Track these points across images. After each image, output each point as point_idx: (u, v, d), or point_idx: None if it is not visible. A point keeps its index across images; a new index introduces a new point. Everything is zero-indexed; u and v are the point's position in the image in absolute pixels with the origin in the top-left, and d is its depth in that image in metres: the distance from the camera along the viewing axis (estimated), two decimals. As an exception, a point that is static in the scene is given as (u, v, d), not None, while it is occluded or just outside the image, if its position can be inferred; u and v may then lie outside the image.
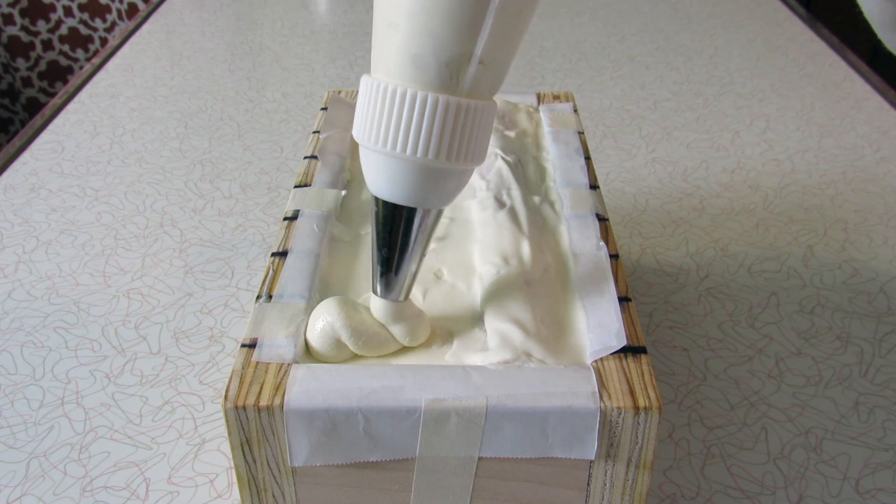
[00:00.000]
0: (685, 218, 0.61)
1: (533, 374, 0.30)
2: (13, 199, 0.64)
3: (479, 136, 0.29)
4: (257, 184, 0.65)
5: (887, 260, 0.56)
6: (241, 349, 0.31)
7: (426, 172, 0.29)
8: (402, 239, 0.31)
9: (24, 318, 0.51)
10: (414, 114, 0.28)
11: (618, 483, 0.30)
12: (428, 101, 0.28)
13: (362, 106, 0.29)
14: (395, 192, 0.30)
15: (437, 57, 0.28)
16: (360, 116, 0.30)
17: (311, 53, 0.91)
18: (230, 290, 0.53)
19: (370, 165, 0.30)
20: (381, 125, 0.29)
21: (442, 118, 0.28)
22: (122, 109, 0.78)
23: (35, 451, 0.42)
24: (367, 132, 0.29)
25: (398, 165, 0.29)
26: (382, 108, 0.29)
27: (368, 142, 0.29)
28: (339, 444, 0.29)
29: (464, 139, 0.29)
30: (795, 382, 0.46)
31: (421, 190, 0.30)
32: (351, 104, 0.50)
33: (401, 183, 0.29)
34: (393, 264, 0.31)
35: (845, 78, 0.83)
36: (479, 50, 0.28)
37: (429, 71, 0.28)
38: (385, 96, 0.28)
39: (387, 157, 0.29)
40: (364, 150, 0.30)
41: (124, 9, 1.64)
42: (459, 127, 0.28)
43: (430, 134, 0.28)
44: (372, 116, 0.29)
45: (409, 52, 0.28)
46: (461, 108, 0.28)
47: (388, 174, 0.29)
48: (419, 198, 0.30)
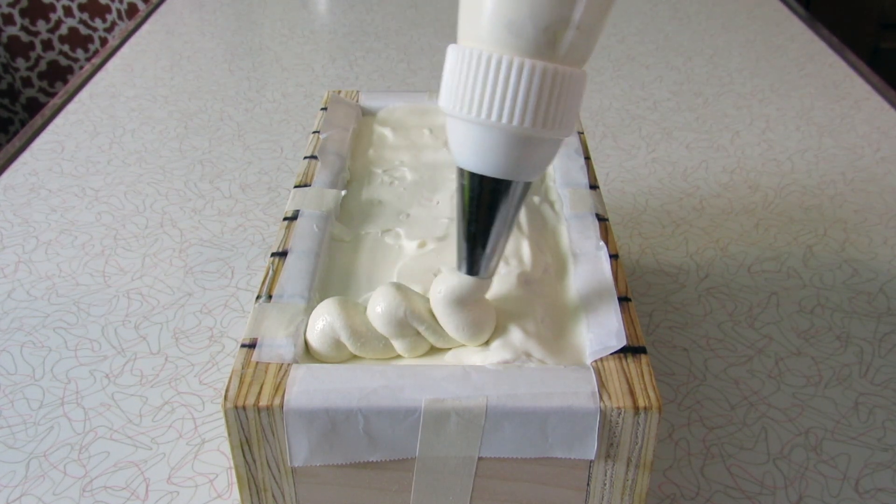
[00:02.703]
0: (685, 218, 0.61)
1: (533, 374, 0.30)
2: (13, 199, 0.64)
3: (572, 104, 0.29)
4: (257, 184, 0.65)
5: (887, 260, 0.56)
6: (241, 349, 0.31)
7: (520, 142, 0.28)
8: (491, 213, 0.30)
9: (24, 318, 0.51)
10: (510, 81, 0.27)
11: (618, 483, 0.30)
12: (525, 67, 0.27)
13: (452, 75, 0.29)
14: (486, 163, 0.29)
15: (535, 22, 0.27)
16: (449, 85, 0.29)
17: (311, 53, 0.91)
18: (230, 290, 0.53)
19: (460, 136, 0.29)
20: (476, 93, 0.28)
21: (539, 85, 0.27)
22: (122, 109, 0.78)
23: (35, 451, 0.42)
24: (460, 101, 0.28)
25: (491, 135, 0.28)
26: (476, 75, 0.28)
27: (461, 111, 0.28)
28: (338, 444, 0.29)
29: (559, 107, 0.28)
30: (795, 382, 0.46)
31: (513, 160, 0.29)
32: (350, 104, 0.50)
33: (493, 153, 0.29)
34: (482, 240, 0.30)
35: (845, 78, 0.83)
36: (577, 15, 0.27)
37: (526, 37, 0.27)
38: (479, 64, 0.28)
39: (479, 127, 0.28)
40: (453, 122, 0.29)
41: (124, 9, 1.64)
42: (556, 94, 0.28)
43: (526, 101, 0.27)
44: (465, 85, 0.28)
45: (505, 19, 0.27)
46: (558, 74, 0.28)
47: (479, 145, 0.29)
48: (511, 169, 0.29)
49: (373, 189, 0.43)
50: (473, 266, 0.31)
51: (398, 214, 0.41)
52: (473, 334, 0.31)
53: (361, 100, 0.51)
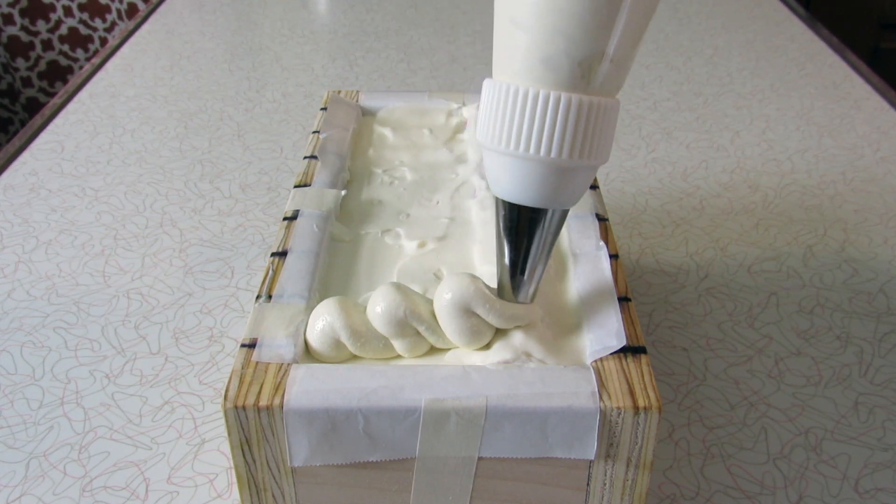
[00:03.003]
0: (685, 218, 0.61)
1: (533, 374, 0.30)
2: (13, 199, 0.64)
3: (607, 132, 0.29)
4: (257, 184, 0.65)
5: (887, 260, 0.56)
6: (241, 349, 0.31)
7: (557, 172, 0.29)
8: (530, 241, 0.31)
9: (24, 318, 0.51)
10: (547, 115, 0.28)
11: (617, 483, 0.30)
12: (561, 101, 0.28)
13: (489, 109, 0.29)
14: (524, 194, 0.30)
15: (570, 57, 0.28)
16: (486, 120, 0.29)
17: (311, 53, 0.91)
18: (230, 290, 0.53)
19: (497, 169, 0.30)
20: (513, 128, 0.29)
21: (575, 118, 0.28)
22: (121, 109, 0.78)
23: (35, 451, 0.42)
24: (497, 135, 0.29)
25: (529, 167, 0.29)
26: (514, 110, 0.28)
27: (499, 145, 0.29)
28: (338, 444, 0.29)
29: (595, 137, 0.29)
30: (795, 382, 0.46)
31: (551, 190, 0.29)
32: (351, 104, 0.50)
33: (530, 184, 0.29)
34: (521, 267, 0.31)
35: (845, 78, 0.83)
36: (611, 48, 0.28)
37: (561, 71, 0.28)
38: (516, 99, 0.28)
39: (517, 160, 0.29)
40: (491, 154, 0.30)
41: (124, 9, 1.64)
42: (591, 125, 0.28)
43: (563, 134, 0.28)
44: (502, 119, 0.29)
45: (541, 53, 0.28)
46: (593, 106, 0.28)
47: (517, 176, 0.29)
48: (548, 198, 0.30)
49: (373, 189, 0.43)
50: (514, 292, 0.31)
51: (398, 214, 0.41)
52: (472, 340, 0.32)
53: (361, 100, 0.51)
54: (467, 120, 0.49)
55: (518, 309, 0.32)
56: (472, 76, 0.84)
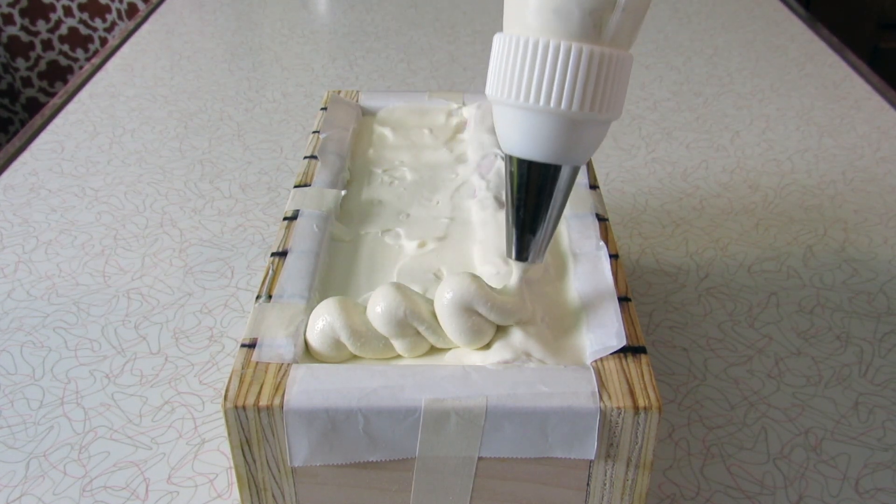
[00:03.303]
0: (685, 218, 0.61)
1: (533, 374, 0.30)
2: (13, 199, 0.64)
3: (620, 86, 0.29)
4: (257, 184, 0.65)
5: (887, 260, 0.56)
6: (241, 349, 0.31)
7: (569, 125, 0.29)
8: (540, 198, 0.30)
9: (24, 318, 0.51)
10: (558, 65, 0.28)
11: (617, 483, 0.30)
12: (572, 51, 0.27)
13: (499, 63, 0.29)
14: (535, 148, 0.29)
15: (581, 6, 0.27)
16: (496, 73, 0.29)
17: (311, 53, 0.91)
18: (230, 290, 0.53)
19: (508, 123, 0.29)
20: (524, 79, 0.28)
21: (587, 68, 0.28)
22: (121, 109, 0.78)
23: (35, 451, 0.42)
24: (507, 87, 0.28)
25: (540, 120, 0.29)
26: (524, 61, 0.28)
27: (509, 97, 0.28)
28: (338, 444, 0.29)
29: (607, 89, 0.28)
30: (795, 382, 0.46)
31: (562, 144, 0.29)
32: (351, 104, 0.50)
33: (542, 138, 0.29)
34: (531, 226, 0.30)
35: (845, 78, 0.83)
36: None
37: (572, 21, 0.27)
38: (527, 49, 0.28)
39: (528, 112, 0.29)
40: (501, 109, 0.29)
41: (124, 9, 1.64)
42: (603, 77, 0.28)
43: (574, 85, 0.28)
44: (512, 71, 0.28)
45: (552, 4, 0.27)
46: (605, 57, 0.28)
47: (528, 130, 0.29)
48: (560, 153, 0.29)
49: (373, 189, 0.43)
50: (522, 252, 0.31)
51: (398, 214, 0.41)
52: (473, 340, 0.31)
53: (361, 100, 0.51)
54: (467, 120, 0.49)
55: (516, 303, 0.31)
56: (472, 76, 0.84)
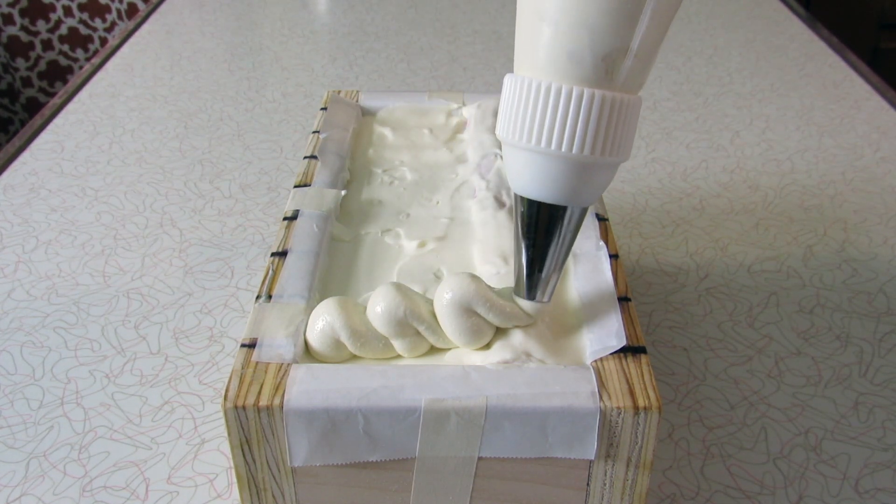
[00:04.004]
0: (685, 218, 0.61)
1: (533, 374, 0.30)
2: (13, 199, 0.64)
3: (629, 129, 0.29)
4: (257, 184, 0.65)
5: (887, 260, 0.56)
6: (241, 349, 0.31)
7: (579, 169, 0.29)
8: (549, 238, 0.30)
9: (24, 318, 0.51)
10: (570, 110, 0.28)
11: (617, 483, 0.30)
12: (584, 96, 0.28)
13: (510, 104, 0.29)
14: (545, 190, 0.29)
15: (594, 52, 0.27)
16: (507, 115, 0.29)
17: (311, 53, 0.91)
18: (230, 290, 0.53)
19: (518, 164, 0.30)
20: (535, 122, 0.28)
21: (598, 113, 0.28)
22: (121, 109, 0.78)
23: (35, 451, 0.42)
24: (519, 130, 0.29)
25: (550, 163, 0.29)
26: (536, 105, 0.28)
27: (520, 141, 0.29)
28: (338, 444, 0.29)
29: (617, 133, 0.28)
30: (795, 382, 0.46)
31: (572, 187, 0.29)
32: (350, 104, 0.50)
33: (552, 181, 0.29)
34: (540, 265, 0.31)
35: (845, 78, 0.83)
36: (636, 43, 0.28)
37: (584, 66, 0.28)
38: (539, 93, 0.28)
39: (538, 155, 0.29)
40: (511, 150, 0.30)
41: (124, 9, 1.64)
42: (614, 122, 0.28)
43: (585, 130, 0.28)
44: (524, 114, 0.28)
45: (565, 48, 0.28)
46: (616, 102, 0.28)
47: (538, 173, 0.29)
48: (569, 195, 0.29)
49: (373, 189, 0.43)
50: (532, 291, 0.31)
51: (398, 214, 0.41)
52: (472, 340, 0.32)
53: (361, 100, 0.51)
54: (467, 120, 0.49)
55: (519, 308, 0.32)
56: (472, 76, 0.84)
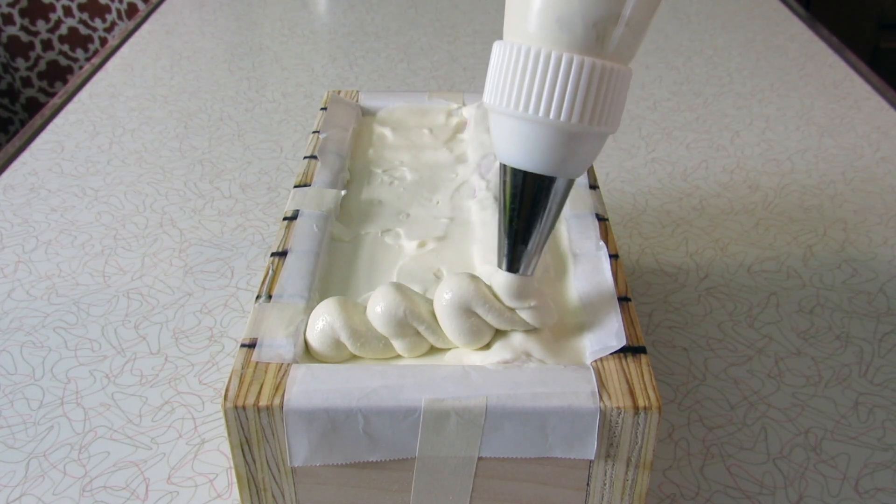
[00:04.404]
0: (685, 218, 0.61)
1: (533, 374, 0.30)
2: (13, 199, 0.64)
3: (619, 100, 0.29)
4: (257, 184, 0.65)
5: (887, 260, 0.56)
6: (241, 349, 0.31)
7: (566, 137, 0.28)
8: (535, 210, 0.30)
9: (24, 318, 0.51)
10: (559, 76, 0.27)
11: (617, 483, 0.30)
12: (573, 63, 0.27)
13: (498, 70, 0.29)
14: (531, 159, 0.29)
15: (585, 18, 0.27)
16: (494, 81, 0.29)
17: (310, 53, 0.91)
18: (230, 290, 0.53)
19: (504, 132, 0.29)
20: (523, 89, 0.28)
21: (588, 81, 0.27)
22: (121, 109, 0.78)
23: (35, 451, 0.42)
24: (506, 96, 0.28)
25: (537, 130, 0.28)
26: (524, 71, 0.28)
27: (507, 107, 0.28)
28: (338, 444, 0.29)
29: (607, 103, 0.28)
30: (795, 382, 0.46)
31: (559, 156, 0.29)
32: (350, 104, 0.50)
33: (538, 149, 0.29)
34: (524, 236, 0.30)
35: (845, 78, 0.83)
36: (627, 11, 0.27)
37: (575, 32, 0.27)
38: (528, 59, 0.28)
39: (525, 122, 0.28)
40: (497, 118, 0.29)
41: (124, 9, 1.64)
42: (603, 90, 0.28)
43: (574, 97, 0.28)
44: (511, 80, 0.28)
45: (555, 14, 0.27)
46: (606, 70, 0.28)
47: (525, 141, 0.29)
48: (556, 165, 0.29)
49: (373, 189, 0.43)
50: (514, 263, 0.31)
51: (398, 214, 0.41)
52: (472, 340, 0.31)
53: (361, 100, 0.51)
54: (467, 120, 0.49)
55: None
56: (472, 76, 0.84)
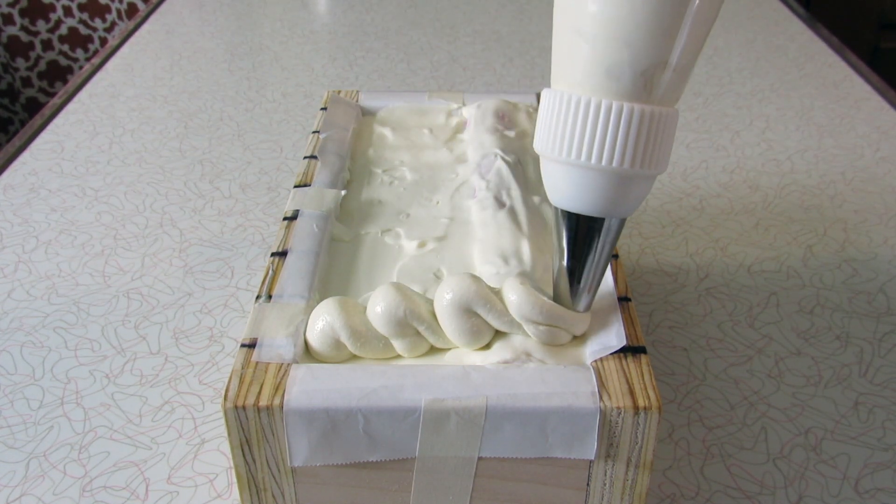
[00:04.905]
0: (685, 218, 0.61)
1: (533, 374, 0.30)
2: (13, 199, 0.64)
3: (667, 142, 0.29)
4: (257, 184, 0.65)
5: (887, 260, 0.56)
6: (241, 349, 0.31)
7: (617, 181, 0.29)
8: (588, 250, 0.31)
9: (24, 318, 0.51)
10: (609, 124, 0.28)
11: (617, 483, 0.30)
12: (623, 111, 0.28)
13: (548, 119, 0.30)
14: (584, 203, 0.30)
15: (633, 67, 0.28)
16: (545, 129, 0.30)
17: (311, 53, 0.91)
18: (230, 290, 0.53)
19: (557, 178, 0.30)
20: (574, 137, 0.29)
21: (637, 127, 0.28)
22: (121, 109, 0.78)
23: (35, 451, 0.42)
24: (558, 145, 0.29)
25: (589, 176, 0.29)
26: (575, 120, 0.29)
27: (560, 155, 0.29)
28: (338, 444, 0.29)
29: (655, 146, 0.29)
30: (795, 382, 0.46)
31: (611, 199, 0.30)
32: (350, 104, 0.50)
33: (590, 193, 0.30)
34: (578, 276, 0.31)
35: (845, 78, 0.83)
36: (674, 57, 0.28)
37: (623, 81, 0.28)
38: (578, 108, 0.29)
39: (577, 169, 0.29)
40: (549, 164, 0.30)
41: (124, 9, 1.64)
42: (653, 135, 0.29)
43: (625, 143, 0.28)
44: (563, 129, 0.29)
45: (604, 63, 0.28)
46: (654, 116, 0.28)
47: (577, 185, 0.30)
48: (608, 207, 0.30)
49: (373, 189, 0.43)
50: (573, 301, 0.32)
51: (398, 214, 0.41)
52: (472, 340, 0.32)
53: (361, 100, 0.51)
54: (467, 120, 0.49)
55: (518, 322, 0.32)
56: (472, 76, 0.84)
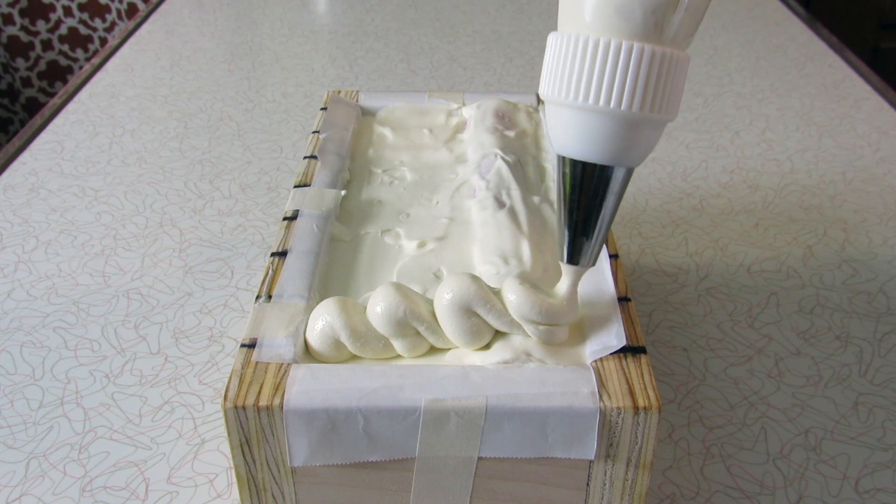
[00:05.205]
0: (685, 218, 0.61)
1: (533, 374, 0.30)
2: (13, 199, 0.64)
3: (678, 86, 0.28)
4: (257, 184, 0.65)
5: (887, 260, 0.56)
6: (241, 349, 0.31)
7: (627, 126, 0.28)
8: (594, 201, 0.30)
9: (24, 318, 0.51)
10: (619, 65, 0.27)
11: (617, 483, 0.30)
12: (633, 50, 0.27)
13: (555, 62, 0.28)
14: (590, 149, 0.29)
15: (644, 5, 0.27)
16: (552, 73, 0.29)
17: (311, 53, 0.91)
18: (230, 290, 0.53)
19: (562, 123, 0.29)
20: (583, 79, 0.28)
21: (647, 68, 0.27)
22: (121, 109, 0.78)
23: (35, 451, 0.42)
24: (566, 87, 0.28)
25: (597, 120, 0.28)
26: (583, 60, 0.27)
27: (566, 98, 0.28)
28: (338, 444, 0.29)
29: (666, 90, 0.28)
30: (795, 382, 0.46)
31: (619, 146, 0.28)
32: (350, 104, 0.50)
33: (598, 139, 0.28)
34: (584, 228, 0.30)
35: (845, 78, 0.83)
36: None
37: (634, 20, 0.27)
38: (586, 49, 0.27)
39: (585, 112, 0.28)
40: (555, 109, 0.29)
41: (124, 9, 1.64)
42: (663, 77, 0.28)
43: (634, 85, 0.27)
44: (570, 71, 0.28)
45: (614, 2, 0.27)
46: (665, 57, 0.27)
47: (584, 131, 0.28)
48: (616, 154, 0.29)
49: (372, 189, 0.43)
50: (574, 255, 0.31)
51: (398, 214, 0.41)
52: (472, 340, 0.31)
53: (361, 100, 0.51)
54: (467, 120, 0.49)
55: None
56: (472, 76, 0.84)
